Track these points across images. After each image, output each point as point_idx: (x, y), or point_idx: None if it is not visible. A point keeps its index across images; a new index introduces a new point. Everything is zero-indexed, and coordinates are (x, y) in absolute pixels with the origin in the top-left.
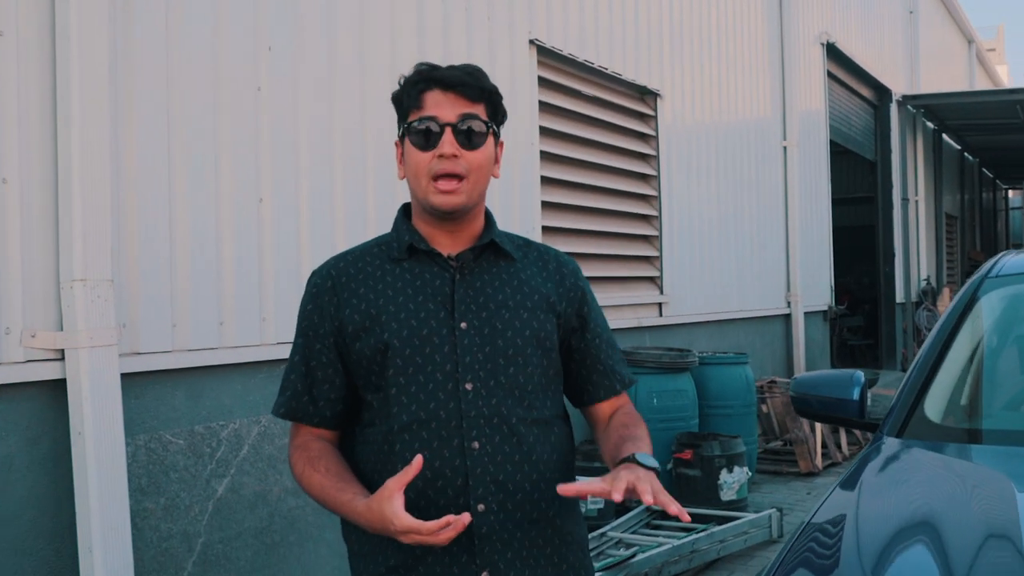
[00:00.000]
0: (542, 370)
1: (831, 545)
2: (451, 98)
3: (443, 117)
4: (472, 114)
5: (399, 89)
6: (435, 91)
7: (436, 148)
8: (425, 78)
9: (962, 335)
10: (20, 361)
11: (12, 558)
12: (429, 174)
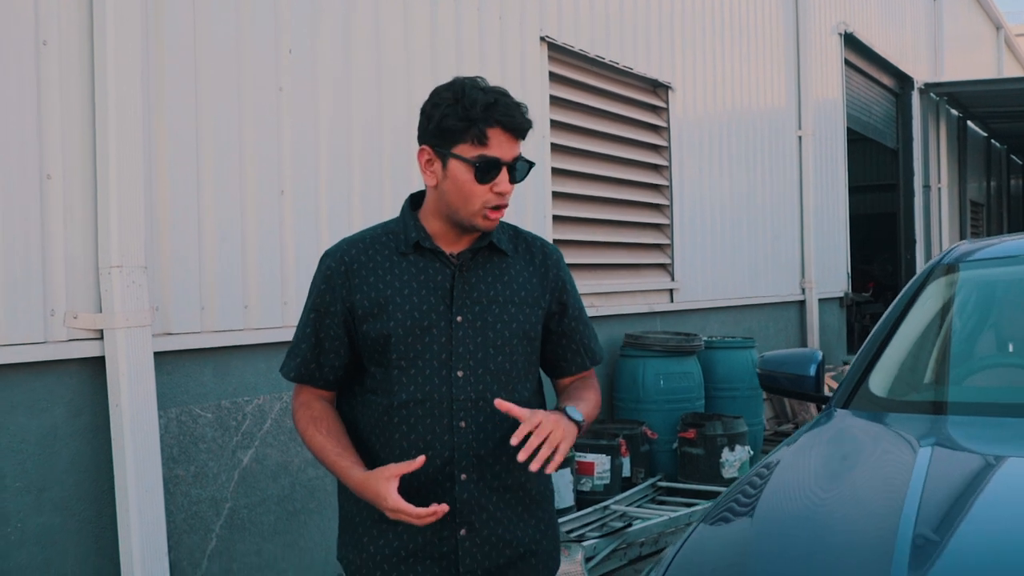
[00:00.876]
0: (525, 358)
1: (751, 492)
2: (511, 139)
3: (504, 158)
4: (521, 156)
5: (449, 101)
6: (498, 130)
7: (493, 184)
8: (492, 116)
9: (909, 318)
10: (63, 340)
11: (58, 517)
12: (484, 205)
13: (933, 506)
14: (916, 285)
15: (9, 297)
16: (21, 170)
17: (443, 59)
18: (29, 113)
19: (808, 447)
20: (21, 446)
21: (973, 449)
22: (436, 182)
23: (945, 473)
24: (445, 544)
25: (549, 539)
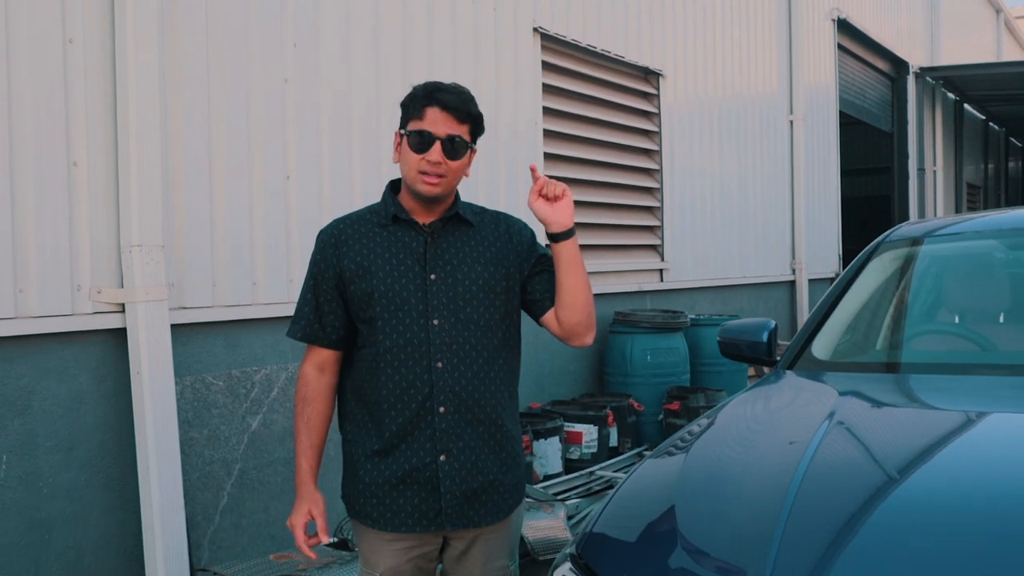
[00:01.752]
0: (492, 309)
1: (691, 436)
2: (447, 118)
3: (436, 132)
4: (457, 134)
5: (408, 97)
6: (435, 108)
7: (426, 154)
8: (430, 97)
9: (852, 290)
10: (89, 313)
11: (85, 473)
12: (417, 169)
13: (830, 451)
14: (860, 261)
15: (40, 273)
16: (51, 158)
17: (439, 51)
18: (57, 106)
19: (747, 399)
20: (51, 409)
21: (885, 401)
22: (398, 158)
23: (852, 418)
24: (428, 470)
25: (514, 473)
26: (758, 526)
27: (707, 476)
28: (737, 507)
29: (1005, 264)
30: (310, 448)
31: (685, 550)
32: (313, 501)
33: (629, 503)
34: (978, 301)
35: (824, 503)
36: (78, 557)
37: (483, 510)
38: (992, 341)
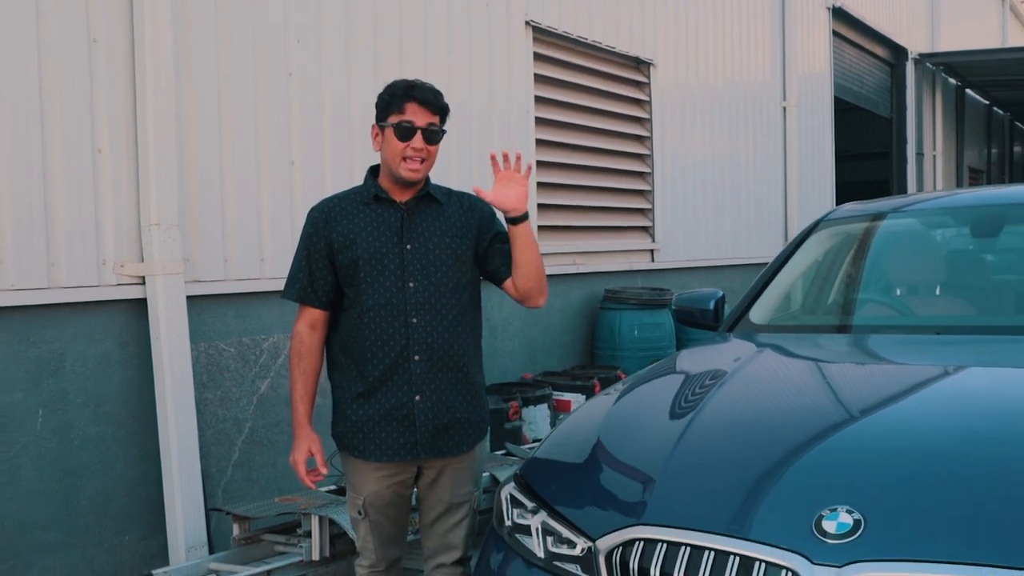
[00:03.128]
0: (459, 274)
1: (628, 382)
2: (424, 111)
3: (417, 123)
4: (434, 123)
5: (385, 93)
6: (413, 103)
7: (410, 142)
8: (407, 94)
9: (790, 264)
10: (113, 284)
11: (110, 428)
12: (402, 156)
13: (733, 386)
14: (800, 238)
15: (69, 249)
16: (78, 146)
17: (434, 44)
18: (83, 99)
19: (684, 354)
20: (81, 369)
21: (793, 352)
22: (379, 148)
23: (757, 365)
24: (405, 408)
25: (478, 412)
26: (661, 446)
27: (628, 414)
28: (647, 435)
29: (928, 240)
30: (306, 396)
31: (602, 466)
32: (311, 440)
33: (564, 437)
34: (899, 273)
35: (716, 425)
36: (105, 502)
37: (451, 442)
38: (907, 306)
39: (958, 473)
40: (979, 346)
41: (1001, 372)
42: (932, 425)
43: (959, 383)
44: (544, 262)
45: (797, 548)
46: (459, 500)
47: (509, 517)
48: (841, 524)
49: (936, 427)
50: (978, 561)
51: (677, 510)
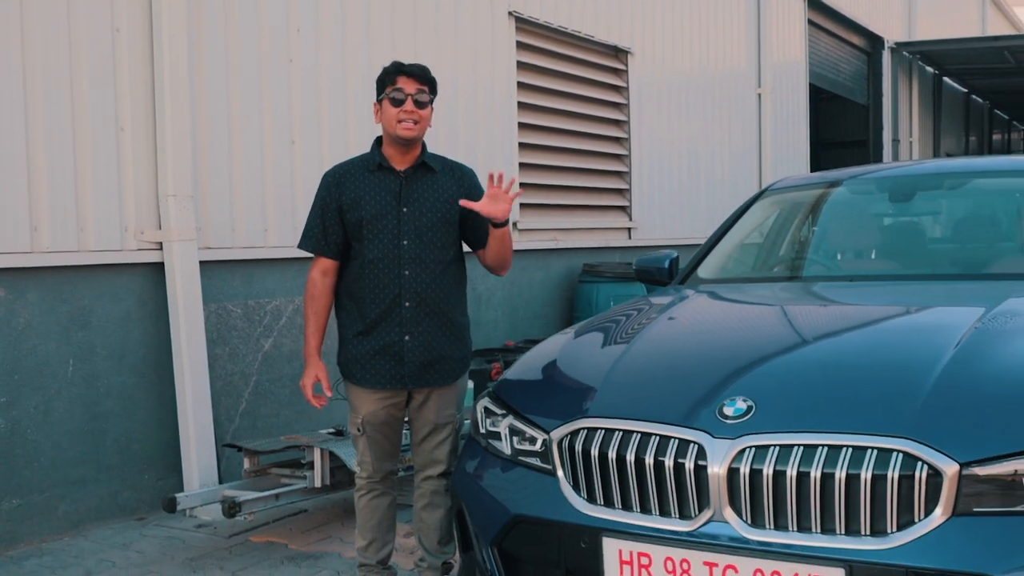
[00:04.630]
0: (447, 234)
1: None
2: (412, 81)
3: (407, 90)
4: (423, 90)
5: (382, 74)
6: (404, 76)
7: (402, 107)
8: (398, 70)
9: (736, 227)
10: (134, 249)
11: (132, 378)
12: (397, 119)
13: (667, 321)
14: (745, 205)
15: (96, 217)
16: (103, 124)
17: (424, 33)
18: (108, 82)
19: (635, 300)
20: (106, 325)
21: (725, 296)
22: (380, 121)
23: (691, 304)
24: (396, 346)
25: (460, 351)
26: (605, 363)
27: (581, 343)
28: (595, 357)
29: (851, 205)
30: (317, 331)
31: (558, 381)
32: (319, 368)
33: (529, 362)
34: (824, 233)
35: (649, 346)
36: (128, 444)
37: (436, 376)
38: (828, 260)
39: (827, 373)
40: (877, 289)
41: (883, 307)
42: (814, 337)
43: (845, 312)
44: (526, 237)
45: (703, 427)
46: (444, 421)
47: (483, 425)
48: (737, 409)
49: (817, 339)
50: (828, 430)
51: (614, 406)
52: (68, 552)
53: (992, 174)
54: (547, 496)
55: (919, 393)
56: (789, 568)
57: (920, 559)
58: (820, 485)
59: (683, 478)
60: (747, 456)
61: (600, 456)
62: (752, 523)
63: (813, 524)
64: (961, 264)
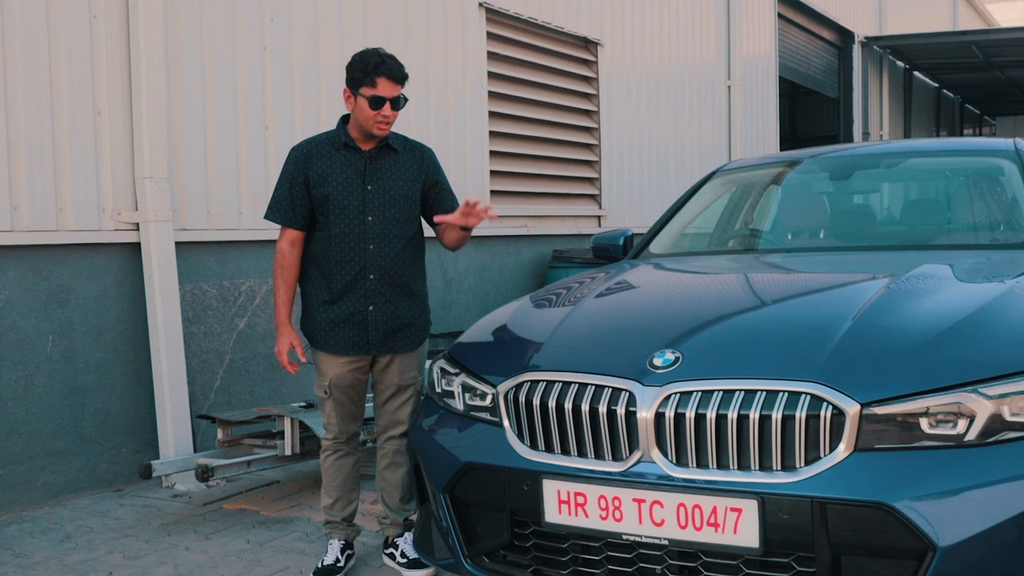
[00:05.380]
0: (409, 211)
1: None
2: (391, 84)
3: (387, 95)
4: (400, 94)
5: (358, 63)
6: (383, 78)
7: (380, 111)
8: (378, 70)
9: (687, 206)
10: (111, 229)
11: (109, 354)
12: (374, 121)
13: (611, 286)
14: (696, 186)
15: (74, 197)
16: (81, 109)
17: (395, 23)
18: (85, 68)
19: (587, 271)
20: (84, 302)
21: (669, 267)
22: (352, 109)
23: (635, 273)
24: (360, 315)
25: (421, 318)
26: (551, 324)
27: (531, 307)
28: (542, 319)
29: (794, 183)
30: (287, 300)
31: (507, 341)
32: (292, 335)
33: (481, 326)
34: (767, 209)
35: (591, 307)
36: (106, 418)
37: (399, 342)
38: (774, 235)
39: (749, 327)
40: (808, 258)
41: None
42: (741, 297)
43: (772, 277)
44: (496, 224)
45: (634, 377)
46: (406, 383)
47: (439, 385)
48: (666, 360)
49: (744, 299)
50: (745, 376)
51: (555, 361)
52: (48, 519)
53: (924, 154)
54: (494, 445)
55: (828, 344)
56: (709, 502)
57: (825, 490)
58: (736, 426)
59: (615, 423)
60: (672, 401)
61: (542, 405)
62: (677, 462)
63: (731, 461)
64: (888, 236)
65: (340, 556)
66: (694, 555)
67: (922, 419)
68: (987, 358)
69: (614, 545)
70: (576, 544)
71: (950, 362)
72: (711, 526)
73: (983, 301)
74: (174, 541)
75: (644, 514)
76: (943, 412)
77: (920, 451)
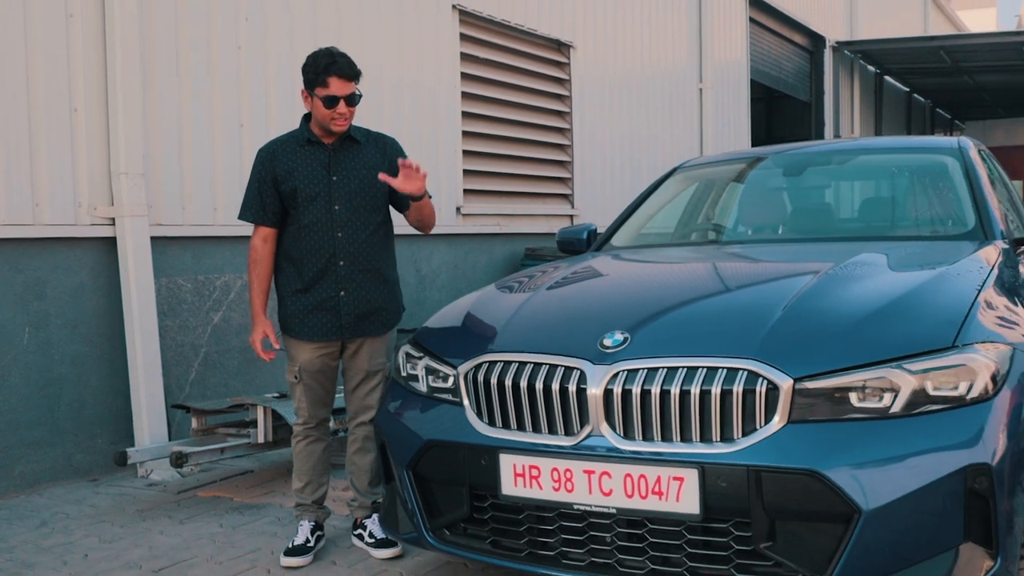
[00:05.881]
0: (375, 199)
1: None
2: (343, 82)
3: (339, 93)
4: (353, 91)
5: (310, 65)
6: (334, 77)
7: (335, 109)
8: (328, 70)
9: (648, 202)
10: (88, 224)
11: (84, 346)
12: (330, 119)
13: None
14: (657, 182)
15: (51, 192)
16: (57, 106)
17: (369, 24)
18: (62, 65)
19: (550, 263)
20: (61, 295)
21: (626, 257)
22: (310, 109)
23: (594, 263)
24: (332, 301)
25: (392, 303)
26: (510, 309)
27: (492, 294)
28: (502, 305)
29: (750, 179)
30: (261, 292)
31: (468, 325)
32: (266, 325)
33: (445, 312)
34: (724, 203)
35: (548, 294)
36: (81, 408)
37: (370, 327)
38: (728, 227)
39: (694, 310)
40: (758, 248)
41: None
42: (689, 283)
43: (720, 265)
44: (469, 222)
45: (586, 357)
46: (375, 369)
47: (404, 369)
48: (615, 340)
49: (691, 284)
50: (688, 354)
51: (513, 343)
52: (24, 507)
53: (873, 152)
54: (454, 423)
55: (766, 324)
56: (653, 471)
57: (760, 459)
58: (679, 400)
59: (567, 400)
60: (620, 379)
61: (499, 384)
62: (624, 435)
63: (673, 434)
64: (836, 228)
65: (310, 536)
66: (640, 523)
67: (850, 393)
68: (911, 337)
69: (566, 515)
70: (531, 515)
71: (877, 340)
72: (656, 495)
73: (911, 286)
74: (149, 526)
75: (594, 485)
76: (870, 386)
77: (848, 422)
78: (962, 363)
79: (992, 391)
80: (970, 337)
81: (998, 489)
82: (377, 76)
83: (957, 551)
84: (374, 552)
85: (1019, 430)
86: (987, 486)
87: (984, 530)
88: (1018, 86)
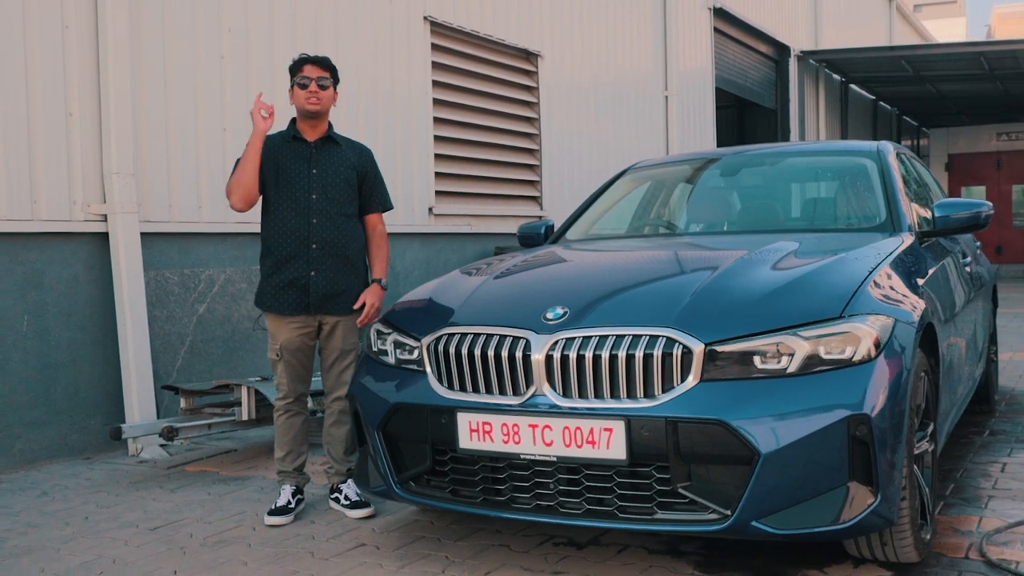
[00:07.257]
0: (348, 192)
1: None
2: (316, 68)
3: (311, 76)
4: (324, 76)
5: (292, 65)
6: (308, 65)
7: (308, 89)
8: (305, 60)
9: (600, 199)
10: (81, 220)
11: (80, 334)
12: (304, 99)
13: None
14: (609, 182)
15: (47, 190)
16: (54, 110)
17: (345, 34)
18: (58, 73)
19: (511, 253)
20: (56, 286)
21: (577, 248)
22: (292, 100)
23: (545, 251)
24: (302, 280)
25: (358, 286)
26: (467, 290)
27: (453, 278)
28: (460, 287)
29: (692, 179)
30: None
31: (431, 305)
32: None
33: (415, 293)
34: (668, 200)
35: (502, 276)
36: (76, 392)
37: (337, 305)
38: (666, 220)
39: (625, 288)
40: (690, 239)
41: (682, 249)
42: (623, 267)
43: (653, 253)
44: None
45: (531, 328)
46: (349, 348)
47: (375, 344)
48: (556, 314)
49: (625, 267)
50: (617, 325)
51: (470, 317)
52: (24, 480)
53: (801, 154)
54: (419, 388)
55: (684, 298)
56: (587, 424)
57: (677, 411)
58: (609, 363)
59: (515, 365)
60: (559, 346)
61: (456, 353)
62: (563, 394)
63: (604, 392)
64: (763, 221)
65: (291, 499)
66: (577, 469)
67: (754, 356)
68: (806, 309)
69: (515, 464)
70: (485, 466)
71: (777, 312)
72: (590, 444)
73: (812, 267)
74: (142, 495)
75: (538, 437)
76: (770, 350)
77: (752, 380)
78: (848, 331)
79: (874, 355)
80: (857, 309)
81: (877, 437)
82: (353, 84)
83: (848, 488)
84: (349, 512)
85: (899, 391)
86: (867, 433)
87: (866, 471)
88: (979, 94)
